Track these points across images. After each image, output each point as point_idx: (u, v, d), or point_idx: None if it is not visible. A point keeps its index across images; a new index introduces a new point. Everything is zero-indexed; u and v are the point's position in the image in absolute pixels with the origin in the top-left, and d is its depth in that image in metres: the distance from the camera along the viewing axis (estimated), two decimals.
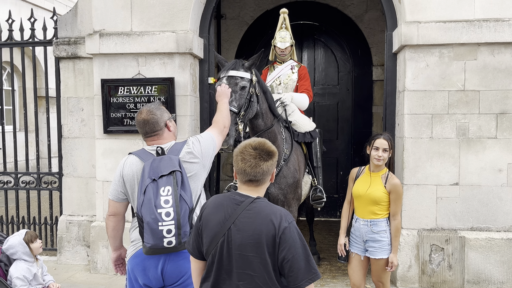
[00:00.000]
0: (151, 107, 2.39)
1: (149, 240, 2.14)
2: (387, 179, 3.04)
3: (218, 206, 1.83)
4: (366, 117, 6.88)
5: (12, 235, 3.04)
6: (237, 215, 1.76)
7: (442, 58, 3.94)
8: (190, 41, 4.21)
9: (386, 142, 3.01)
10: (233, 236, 1.74)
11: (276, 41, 4.10)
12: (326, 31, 6.90)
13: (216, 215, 1.80)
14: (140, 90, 4.30)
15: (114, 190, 2.39)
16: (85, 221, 4.73)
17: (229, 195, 1.84)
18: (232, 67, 3.09)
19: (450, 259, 3.96)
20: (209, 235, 1.80)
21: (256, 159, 1.77)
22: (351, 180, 3.22)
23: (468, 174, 3.95)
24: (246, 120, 3.11)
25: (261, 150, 1.79)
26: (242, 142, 1.86)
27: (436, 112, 3.96)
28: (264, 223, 1.73)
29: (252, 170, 1.77)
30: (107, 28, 4.34)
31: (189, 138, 2.41)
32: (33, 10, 5.07)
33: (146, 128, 2.35)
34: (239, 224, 1.75)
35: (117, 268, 2.62)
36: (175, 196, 2.14)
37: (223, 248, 1.76)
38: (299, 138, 3.75)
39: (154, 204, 2.14)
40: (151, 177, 2.18)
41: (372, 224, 3.04)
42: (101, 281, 4.28)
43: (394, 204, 3.03)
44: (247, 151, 1.79)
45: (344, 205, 3.30)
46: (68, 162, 4.77)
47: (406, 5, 3.96)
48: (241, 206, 1.77)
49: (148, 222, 2.13)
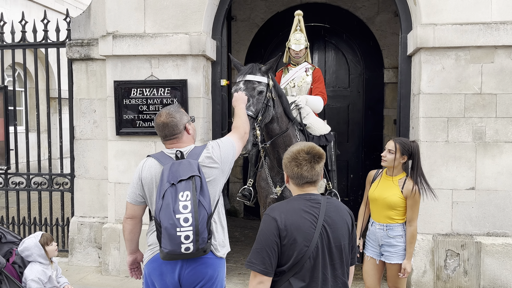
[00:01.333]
0: (171, 109, 2.36)
1: (167, 245, 2.11)
2: (404, 184, 2.99)
3: (298, 211, 1.86)
4: (377, 119, 6.83)
5: (28, 237, 3.03)
6: (323, 212, 1.86)
7: (458, 61, 3.90)
8: (204, 43, 4.19)
9: (392, 143, 3.00)
10: (329, 232, 1.85)
11: (291, 43, 4.07)
12: (337, 33, 6.87)
13: (302, 219, 1.84)
14: (153, 92, 4.29)
15: (132, 193, 2.37)
16: (97, 223, 4.73)
17: (299, 198, 1.91)
18: (249, 71, 3.06)
19: (466, 264, 3.91)
20: (304, 240, 1.81)
21: (311, 163, 1.90)
22: (368, 183, 3.19)
23: (485, 178, 3.90)
24: (263, 125, 3.08)
25: (313, 153, 1.91)
26: (290, 149, 1.95)
27: (452, 115, 3.91)
28: (344, 212, 1.95)
29: (308, 173, 1.90)
30: (120, 29, 4.34)
31: (209, 143, 2.38)
32: (43, 11, 5.09)
33: (165, 131, 2.32)
34: (329, 220, 1.87)
35: (132, 272, 2.59)
36: (194, 201, 2.11)
37: (324, 246, 1.84)
38: (314, 141, 3.71)
39: (173, 209, 2.10)
40: (170, 181, 2.15)
41: (388, 228, 3.01)
42: (113, 283, 4.27)
43: (410, 210, 2.98)
44: (301, 156, 1.90)
45: (360, 207, 3.27)
46: (80, 163, 4.77)
47: (422, 7, 3.91)
48: (323, 203, 1.89)
49: (166, 228, 2.10)
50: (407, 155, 3.00)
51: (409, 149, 2.99)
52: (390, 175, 3.06)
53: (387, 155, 3.00)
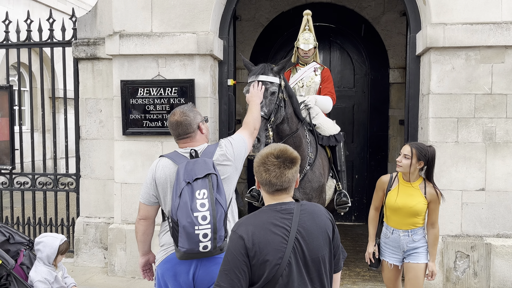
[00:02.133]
0: (184, 108, 2.35)
1: (185, 244, 2.09)
2: (426, 189, 2.91)
3: (266, 225, 1.69)
4: (382, 120, 6.80)
5: (51, 234, 2.99)
6: (296, 223, 1.69)
7: (468, 61, 3.87)
8: (211, 42, 4.16)
9: (408, 148, 2.88)
10: (303, 244, 1.68)
11: (300, 42, 4.04)
12: (342, 33, 6.84)
13: (272, 235, 1.66)
14: (160, 92, 4.26)
15: (145, 193, 2.35)
16: (103, 223, 4.70)
17: (269, 210, 1.72)
18: (261, 71, 3.04)
19: (476, 266, 3.88)
20: (274, 257, 1.64)
21: (280, 168, 1.70)
22: (380, 189, 3.05)
23: (495, 179, 3.87)
24: (274, 126, 3.06)
25: (284, 158, 1.71)
26: (261, 151, 1.76)
27: (462, 116, 3.89)
28: (321, 219, 1.77)
29: (278, 180, 1.70)
30: (127, 29, 4.31)
31: (221, 141, 2.37)
32: (46, 11, 5.07)
33: (179, 130, 2.31)
34: (303, 231, 1.69)
35: (144, 273, 2.57)
36: (211, 199, 2.10)
37: (298, 260, 1.67)
38: (324, 141, 3.70)
39: (190, 207, 2.09)
40: (186, 180, 2.13)
41: (413, 233, 2.92)
42: (119, 284, 4.24)
43: (433, 213, 2.92)
44: (270, 161, 1.71)
45: (371, 213, 3.16)
46: (86, 163, 4.74)
47: (431, 7, 3.89)
48: (295, 213, 1.71)
49: (185, 226, 2.08)
50: (423, 160, 2.87)
51: (425, 154, 2.87)
52: (407, 180, 2.93)
53: (402, 160, 2.88)
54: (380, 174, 6.80)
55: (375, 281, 4.36)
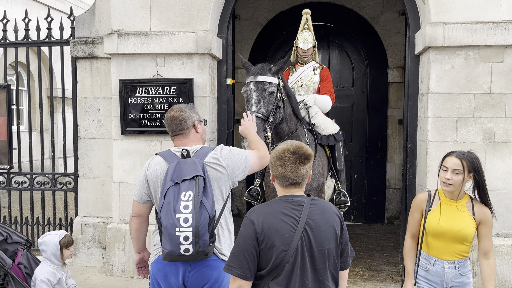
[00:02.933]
0: (182, 105, 2.34)
1: (167, 245, 2.07)
2: (473, 208, 2.41)
3: (276, 214, 1.78)
4: (381, 119, 6.80)
5: (51, 232, 2.99)
6: (306, 215, 1.78)
7: (467, 60, 3.86)
8: (210, 41, 4.15)
9: (458, 161, 2.32)
10: (311, 235, 1.77)
11: (299, 41, 4.03)
12: (341, 32, 6.83)
13: (282, 223, 1.76)
14: (158, 91, 4.25)
15: (138, 191, 2.34)
16: (101, 223, 4.68)
17: (280, 200, 1.83)
18: (260, 72, 3.02)
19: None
20: (282, 244, 1.74)
21: (296, 163, 1.80)
22: (417, 210, 2.52)
23: (494, 179, 3.86)
24: (273, 126, 3.04)
25: (299, 154, 1.82)
26: (277, 147, 1.86)
27: (461, 115, 3.88)
28: (330, 215, 1.84)
29: (293, 174, 1.81)
30: (126, 28, 4.29)
31: (220, 145, 2.34)
32: (44, 10, 5.04)
33: (173, 125, 2.29)
34: (311, 223, 1.78)
35: (139, 270, 2.55)
36: (195, 202, 2.05)
37: (304, 250, 1.76)
38: (323, 141, 3.68)
39: (174, 208, 2.06)
40: (173, 180, 2.11)
41: (460, 265, 2.41)
42: (118, 284, 4.23)
43: (486, 239, 2.40)
44: (286, 156, 1.81)
45: (406, 242, 2.58)
46: (84, 163, 4.73)
47: (431, 6, 3.88)
48: (305, 206, 1.80)
49: (166, 227, 2.06)
50: (473, 171, 2.35)
51: (476, 165, 2.35)
52: (452, 198, 2.42)
53: (453, 177, 2.32)
54: (379, 174, 6.90)
55: (374, 281, 4.36)
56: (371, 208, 6.85)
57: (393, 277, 4.46)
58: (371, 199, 6.86)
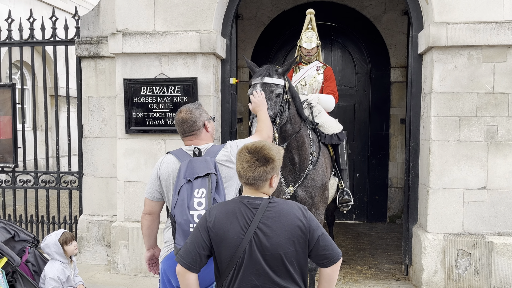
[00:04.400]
0: (191, 106, 2.38)
1: (180, 242, 2.11)
2: None
3: (229, 214, 1.78)
4: (383, 119, 6.82)
5: (50, 234, 3.04)
6: (259, 218, 1.75)
7: (470, 60, 3.88)
8: (214, 41, 4.17)
9: None
10: (262, 239, 1.74)
11: (302, 41, 4.06)
12: (344, 32, 6.85)
13: (233, 224, 1.75)
14: (163, 90, 4.28)
15: (150, 189, 2.38)
16: (105, 221, 4.72)
17: (237, 201, 1.82)
18: (266, 73, 3.02)
19: (477, 264, 3.90)
20: (230, 245, 1.75)
21: (248, 163, 1.76)
22: None
23: (496, 178, 3.89)
24: (279, 127, 3.07)
25: (256, 154, 1.77)
26: (243, 144, 1.86)
27: (464, 114, 3.90)
28: (289, 218, 1.77)
29: (245, 173, 1.77)
30: (130, 27, 4.32)
31: (228, 142, 2.38)
32: (47, 9, 5.07)
33: (184, 127, 2.33)
34: (264, 227, 1.74)
35: (150, 267, 2.60)
36: (208, 199, 2.11)
37: (252, 253, 1.74)
38: (326, 140, 3.71)
39: (187, 205, 2.11)
40: (186, 178, 2.16)
41: None
42: (122, 281, 4.26)
43: None
44: (243, 154, 1.79)
45: None
46: (89, 161, 4.76)
47: (434, 6, 3.90)
48: (260, 208, 1.76)
49: (180, 223, 2.10)
50: None
51: None
52: None
53: None
54: (381, 173, 6.94)
55: (377, 279, 4.39)
56: (373, 207, 6.88)
57: (395, 276, 4.49)
58: (373, 198, 6.88)
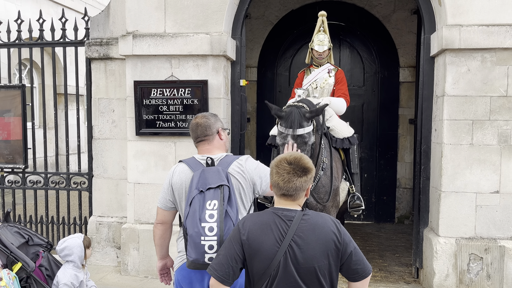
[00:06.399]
0: (206, 113, 2.41)
1: (191, 253, 2.10)
2: None
3: (264, 226, 1.78)
4: (392, 119, 6.78)
5: (70, 237, 3.03)
6: (294, 231, 1.75)
7: (484, 63, 3.85)
8: (225, 43, 4.15)
9: None
10: (296, 252, 1.74)
11: (314, 44, 4.02)
12: (352, 31, 6.81)
13: (267, 236, 1.76)
14: (173, 93, 4.26)
15: (162, 198, 2.36)
16: (115, 223, 4.73)
17: (271, 212, 1.81)
18: (297, 124, 2.95)
19: (489, 268, 3.88)
20: (264, 258, 1.74)
21: (289, 174, 1.77)
22: None
23: (509, 182, 3.86)
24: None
25: (296, 165, 1.78)
26: (278, 156, 1.85)
27: (477, 118, 3.87)
28: (323, 231, 1.77)
29: (285, 185, 1.78)
30: (140, 29, 4.30)
31: (245, 156, 2.36)
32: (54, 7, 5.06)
33: (198, 131, 2.32)
34: (299, 239, 1.74)
35: (162, 277, 2.58)
36: (220, 211, 2.07)
37: (286, 266, 1.73)
38: (337, 144, 3.69)
39: (199, 217, 2.08)
40: (198, 188, 2.13)
41: None
42: (133, 283, 4.27)
43: None
44: (282, 165, 1.79)
45: None
46: (99, 163, 4.76)
47: (447, 8, 3.86)
48: (295, 221, 1.76)
49: (191, 235, 2.08)
50: None
51: None
52: None
53: None
54: (390, 173, 6.91)
55: (387, 282, 4.38)
56: (381, 208, 6.86)
57: (405, 278, 4.47)
58: (381, 199, 6.86)
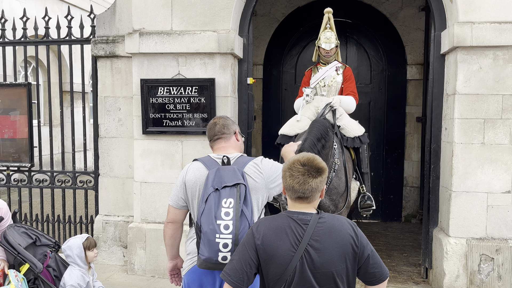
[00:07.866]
0: (224, 116, 2.43)
1: (204, 252, 2.06)
2: None
3: (279, 230, 1.73)
4: (399, 117, 6.72)
5: (74, 237, 3.03)
6: (310, 235, 1.70)
7: (496, 61, 3.78)
8: (232, 41, 4.11)
9: None
10: (313, 256, 1.69)
11: (321, 41, 3.97)
12: (359, 28, 6.74)
13: (283, 240, 1.71)
14: (180, 91, 4.22)
15: (174, 196, 2.33)
16: (122, 222, 4.70)
17: (286, 216, 1.76)
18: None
19: (500, 269, 3.83)
20: (280, 263, 1.70)
21: (304, 175, 1.72)
22: None
23: None
24: None
25: (310, 166, 1.74)
26: (290, 158, 1.80)
27: (489, 116, 3.81)
28: (340, 234, 1.73)
29: (300, 187, 1.73)
30: (147, 27, 4.26)
31: (261, 156, 2.33)
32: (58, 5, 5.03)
33: (216, 128, 2.32)
34: (315, 243, 1.70)
35: (172, 278, 2.55)
36: (236, 209, 2.05)
37: (303, 271, 1.69)
38: (348, 143, 3.64)
39: (214, 214, 2.06)
40: (214, 186, 2.11)
41: None
42: (140, 283, 4.25)
43: None
44: (295, 167, 1.74)
45: None
46: (105, 161, 4.74)
47: (459, 5, 3.79)
48: (311, 225, 1.72)
49: (206, 232, 2.05)
50: None
51: None
52: None
53: None
54: (396, 172, 6.86)
55: (395, 282, 4.34)
56: (388, 206, 6.80)
57: (414, 279, 4.43)
58: (388, 197, 6.81)
